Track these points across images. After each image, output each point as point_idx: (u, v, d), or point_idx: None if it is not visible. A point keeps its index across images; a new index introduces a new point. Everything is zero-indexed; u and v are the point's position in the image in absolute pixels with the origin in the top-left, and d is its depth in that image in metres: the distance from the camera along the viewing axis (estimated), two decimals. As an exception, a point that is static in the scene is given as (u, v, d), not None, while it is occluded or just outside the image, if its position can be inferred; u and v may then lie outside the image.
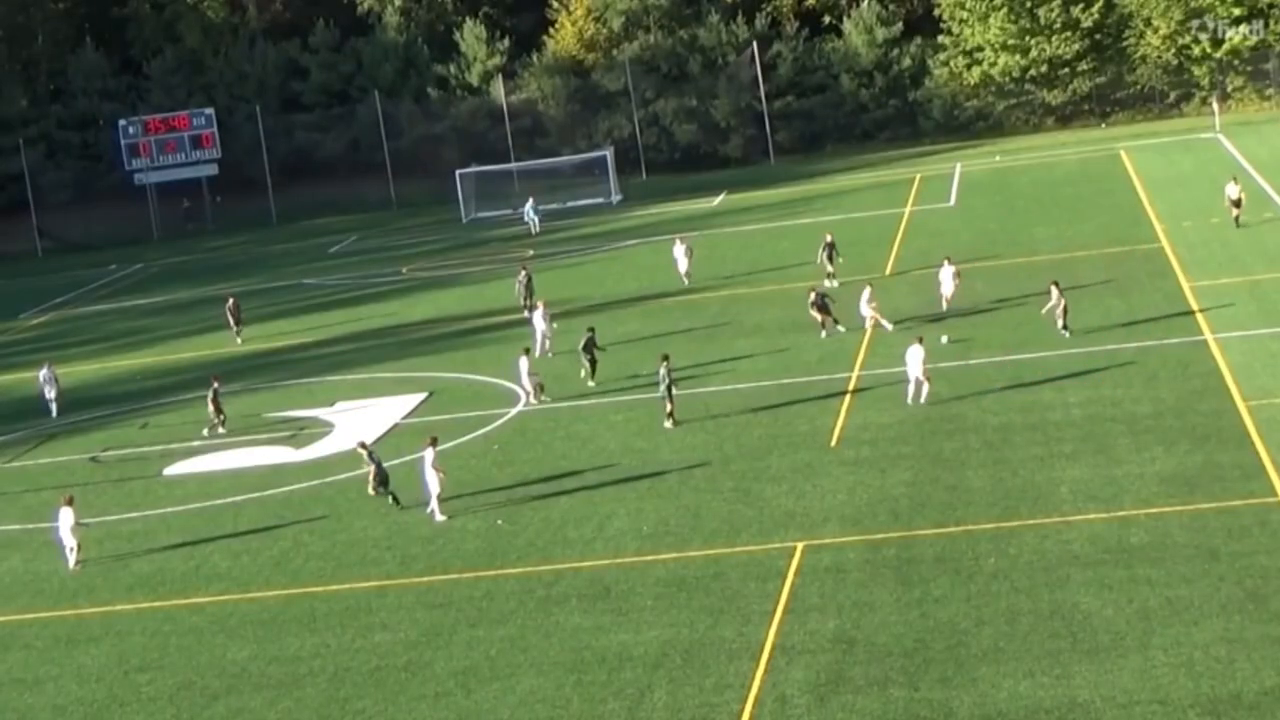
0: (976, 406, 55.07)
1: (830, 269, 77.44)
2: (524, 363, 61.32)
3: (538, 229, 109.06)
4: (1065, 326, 62.51)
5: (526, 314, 75.17)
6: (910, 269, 79.96)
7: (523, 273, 79.44)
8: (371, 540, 48.96)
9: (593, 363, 63.11)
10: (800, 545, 43.70)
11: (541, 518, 48.41)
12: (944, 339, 62.44)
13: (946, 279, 68.99)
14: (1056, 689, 33.89)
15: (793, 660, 36.89)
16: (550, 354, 68.85)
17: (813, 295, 67.20)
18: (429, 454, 44.86)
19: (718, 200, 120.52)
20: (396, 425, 62.84)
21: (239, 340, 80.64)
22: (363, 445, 51.79)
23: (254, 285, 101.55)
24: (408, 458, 57.33)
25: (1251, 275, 70.42)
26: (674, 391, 56.43)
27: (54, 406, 69.88)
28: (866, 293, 65.07)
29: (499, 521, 48.54)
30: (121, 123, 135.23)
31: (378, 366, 73.52)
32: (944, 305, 69.31)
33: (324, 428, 64.27)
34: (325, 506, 53.74)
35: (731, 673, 36.45)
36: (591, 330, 62.45)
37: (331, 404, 67.83)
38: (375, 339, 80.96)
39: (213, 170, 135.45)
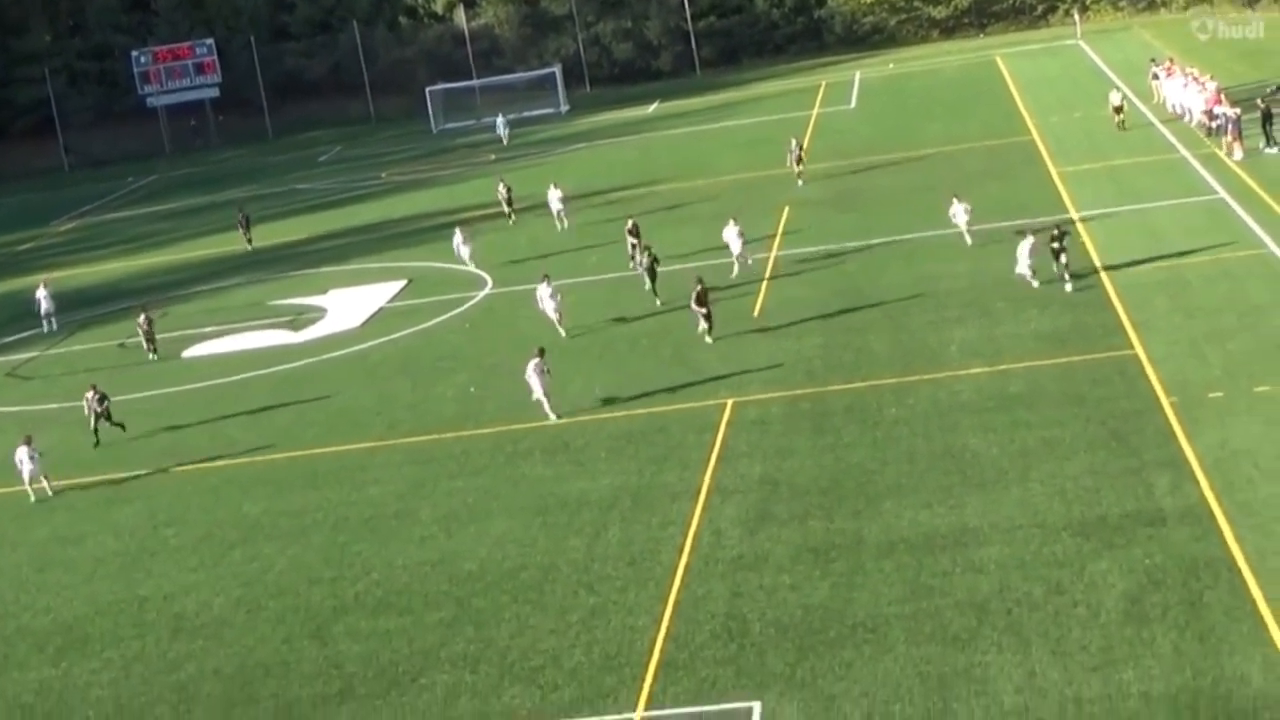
0: (877, 281, 55.23)
1: (799, 169, 76.21)
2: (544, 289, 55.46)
3: (507, 141, 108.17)
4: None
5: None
6: (818, 162, 79.50)
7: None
8: (363, 408, 49.04)
9: (654, 278, 56.83)
10: (730, 402, 43.89)
11: (509, 384, 48.37)
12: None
13: (959, 213, 58.05)
14: (950, 517, 34.28)
15: (726, 499, 37.18)
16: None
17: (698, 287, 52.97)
18: (534, 361, 44.26)
19: (652, 108, 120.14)
20: (381, 309, 62.72)
21: (250, 245, 79.79)
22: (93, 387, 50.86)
23: (254, 191, 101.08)
24: (395, 336, 57.48)
25: (1110, 161, 70.54)
26: (656, 271, 56.13)
27: (51, 322, 68.45)
28: (735, 229, 58.89)
29: (471, 389, 48.54)
30: (134, 53, 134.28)
31: (364, 258, 73.27)
32: (968, 240, 57.91)
33: (319, 313, 64.14)
34: (322, 380, 53.77)
35: (674, 511, 36.74)
36: (650, 251, 57.98)
37: (325, 292, 67.57)
38: (361, 235, 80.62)
39: (214, 93, 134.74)
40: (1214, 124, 70.65)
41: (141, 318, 60.96)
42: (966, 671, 27.69)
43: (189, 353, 60.71)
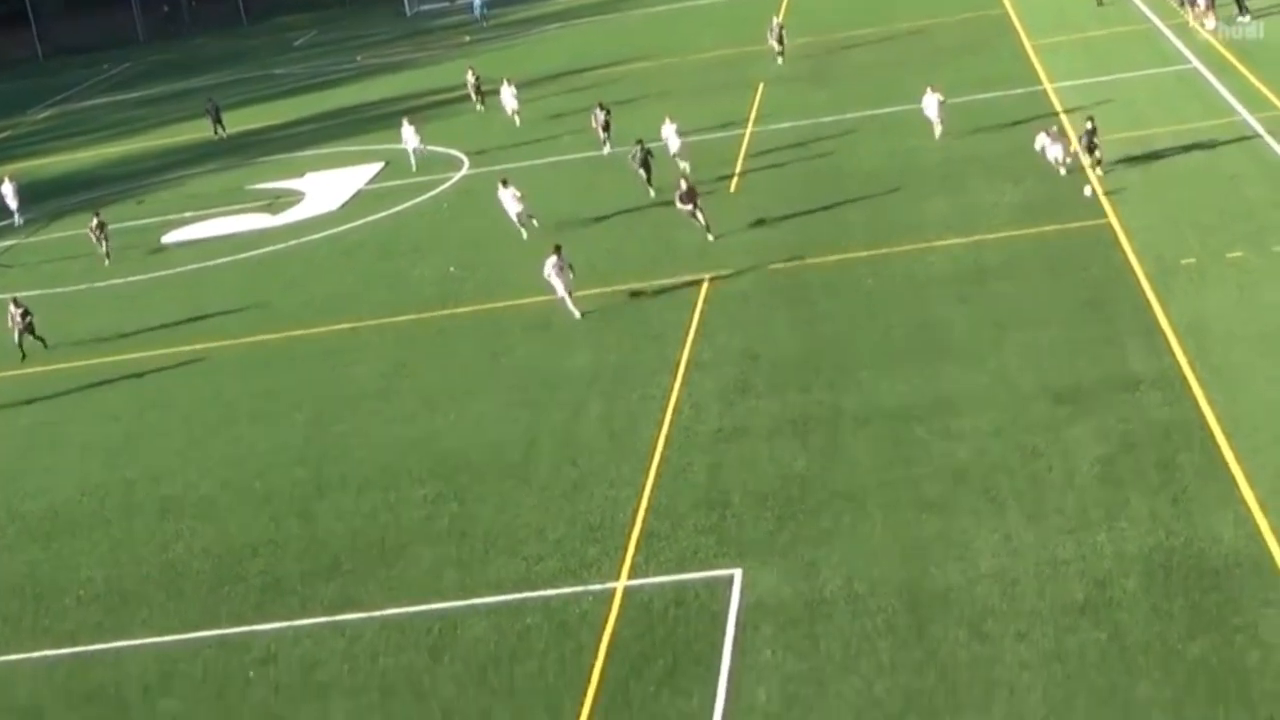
0: (852, 156, 55.13)
1: (779, 48, 74.85)
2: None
3: (485, 22, 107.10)
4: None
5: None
6: (792, 38, 78.76)
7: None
8: (343, 291, 48.97)
9: (648, 172, 53.71)
10: (707, 277, 43.88)
11: (487, 264, 48.46)
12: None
13: (931, 104, 55.11)
14: (926, 387, 34.45)
15: (705, 373, 37.31)
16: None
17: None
18: (551, 260, 42.15)
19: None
20: (359, 191, 62.45)
21: (221, 136, 78.81)
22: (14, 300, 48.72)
23: (229, 77, 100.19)
24: (373, 218, 57.34)
25: (1084, 33, 70.17)
26: (651, 165, 53.61)
27: (16, 216, 67.04)
28: (672, 128, 56.17)
29: (451, 269, 48.49)
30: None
31: (340, 141, 72.91)
32: (937, 131, 55.14)
33: (296, 196, 63.81)
34: (301, 263, 53.73)
35: (654, 386, 36.89)
36: (642, 143, 54.63)
37: (302, 175, 67.22)
38: (337, 118, 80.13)
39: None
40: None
41: (94, 221, 58.32)
42: (944, 536, 27.98)
43: (168, 238, 60.34)
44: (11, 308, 47.36)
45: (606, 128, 59.87)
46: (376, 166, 66.09)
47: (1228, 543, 26.21)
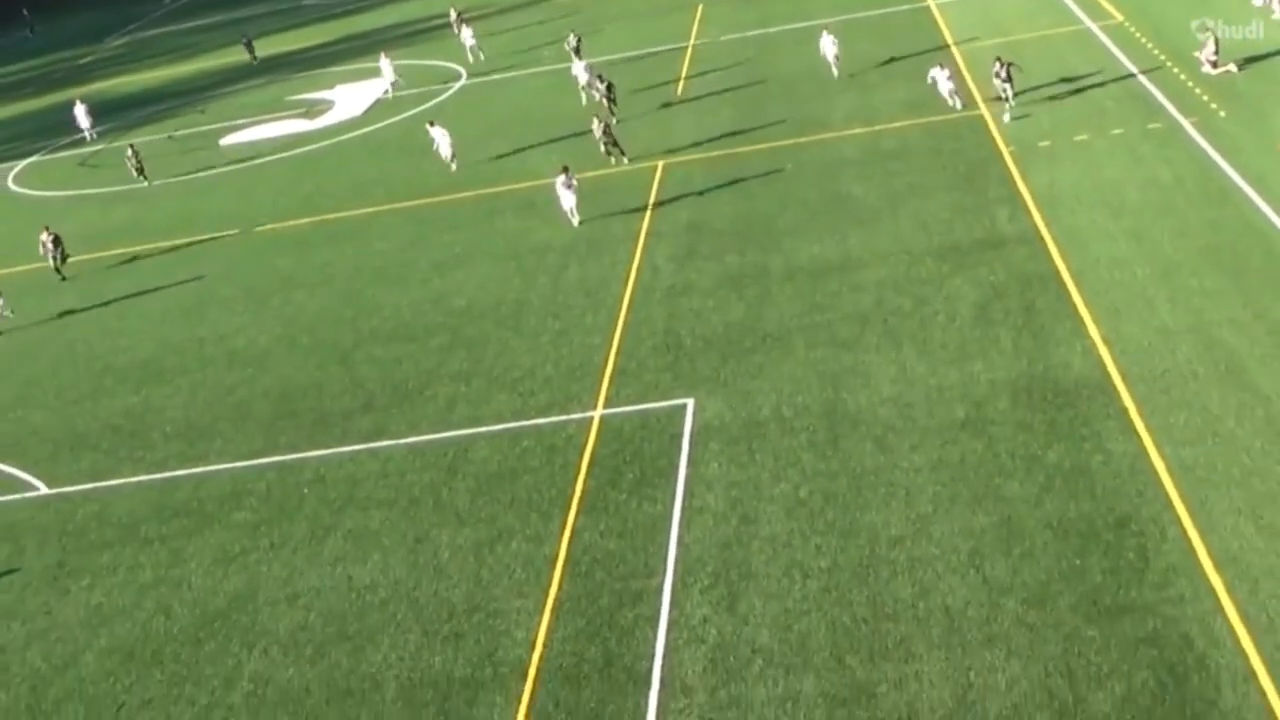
0: (775, 63, 54.50)
1: None
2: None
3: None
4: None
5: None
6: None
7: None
8: (368, 180, 48.47)
9: (613, 102, 49.25)
10: (661, 163, 43.64)
11: (484, 157, 47.99)
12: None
13: (828, 46, 50.05)
14: (837, 249, 34.41)
15: (660, 240, 37.20)
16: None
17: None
18: (560, 178, 38.92)
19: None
20: (379, 99, 61.61)
21: (254, 62, 76.85)
22: (46, 229, 44.33)
23: (268, 9, 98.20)
24: (390, 121, 56.71)
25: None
26: (614, 97, 49.18)
27: (89, 133, 64.69)
28: (582, 63, 53.84)
29: (452, 168, 47.92)
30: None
31: (361, 60, 71.45)
32: (834, 73, 49.99)
33: (328, 104, 62.98)
34: (334, 159, 53.22)
35: (620, 252, 36.79)
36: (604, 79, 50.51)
37: (332, 88, 66.28)
38: (358, 40, 78.64)
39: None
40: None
41: (129, 151, 54.97)
42: (853, 368, 28.08)
43: (225, 141, 59.62)
44: (44, 235, 43.97)
45: (578, 51, 58.61)
46: (388, 81, 65.19)
47: (1076, 369, 26.40)
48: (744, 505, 24.07)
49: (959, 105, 43.28)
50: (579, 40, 58.94)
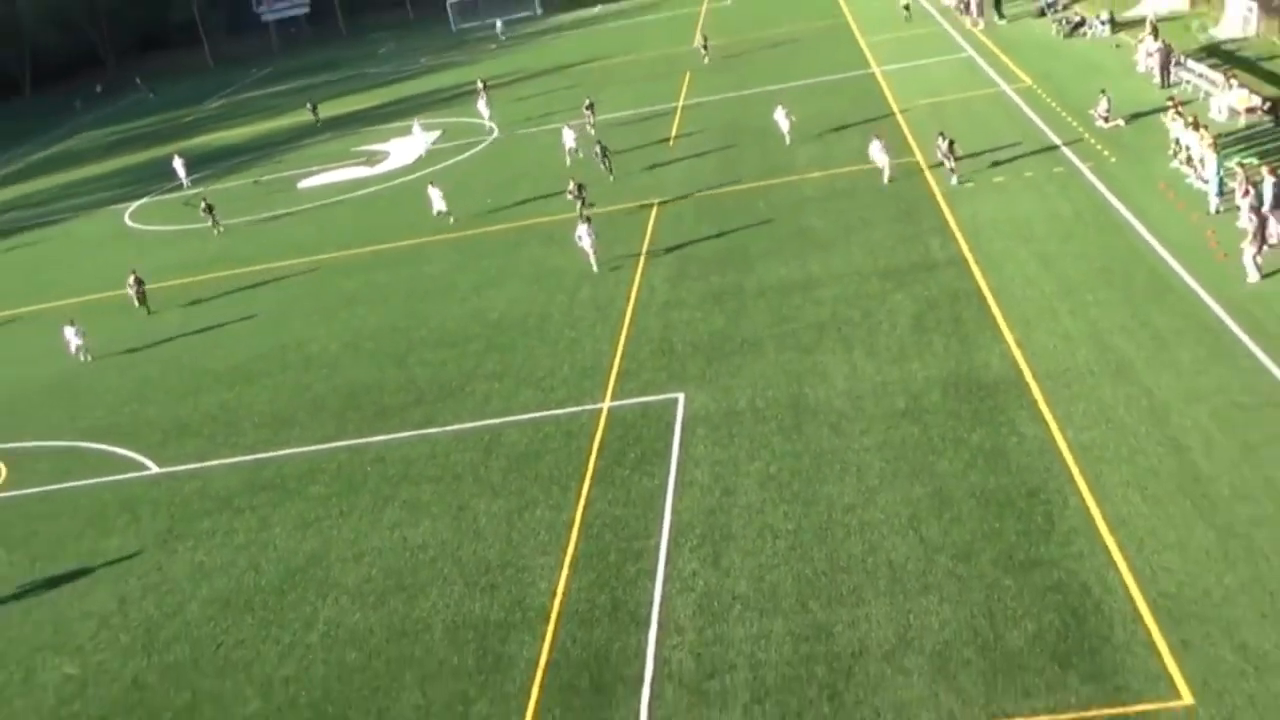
0: (749, 119, 54.41)
1: (705, 50, 71.79)
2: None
3: (504, 37, 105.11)
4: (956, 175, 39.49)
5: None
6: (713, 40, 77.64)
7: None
8: (419, 216, 48.14)
9: (607, 159, 48.14)
10: (656, 203, 43.61)
11: (512, 199, 47.98)
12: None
13: (782, 119, 48.55)
14: (800, 270, 34.41)
15: (656, 265, 37.20)
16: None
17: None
18: (582, 227, 37.41)
19: (596, 9, 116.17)
20: (428, 150, 61.51)
21: (318, 122, 76.57)
22: (133, 272, 42.03)
23: (335, 76, 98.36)
24: (436, 167, 56.57)
25: (898, 34, 69.24)
26: (610, 158, 47.96)
27: (186, 181, 64.67)
28: (571, 132, 51.95)
29: (488, 201, 47.97)
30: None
31: (412, 117, 71.45)
32: (786, 141, 48.09)
33: (385, 154, 62.86)
34: (389, 199, 53.05)
35: (624, 275, 36.79)
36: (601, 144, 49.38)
37: (388, 140, 66.26)
38: (409, 101, 78.63)
39: (306, 9, 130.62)
40: (961, 4, 69.62)
41: (202, 204, 53.40)
42: (813, 368, 28.12)
43: (302, 184, 59.60)
44: (130, 278, 42.60)
45: (591, 108, 58.47)
46: (437, 133, 65.23)
47: (995, 368, 26.43)
48: (725, 479, 24.12)
49: (886, 179, 40.35)
50: (591, 103, 58.86)
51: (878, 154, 40.80)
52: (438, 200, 46.53)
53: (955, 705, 17.32)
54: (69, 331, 39.28)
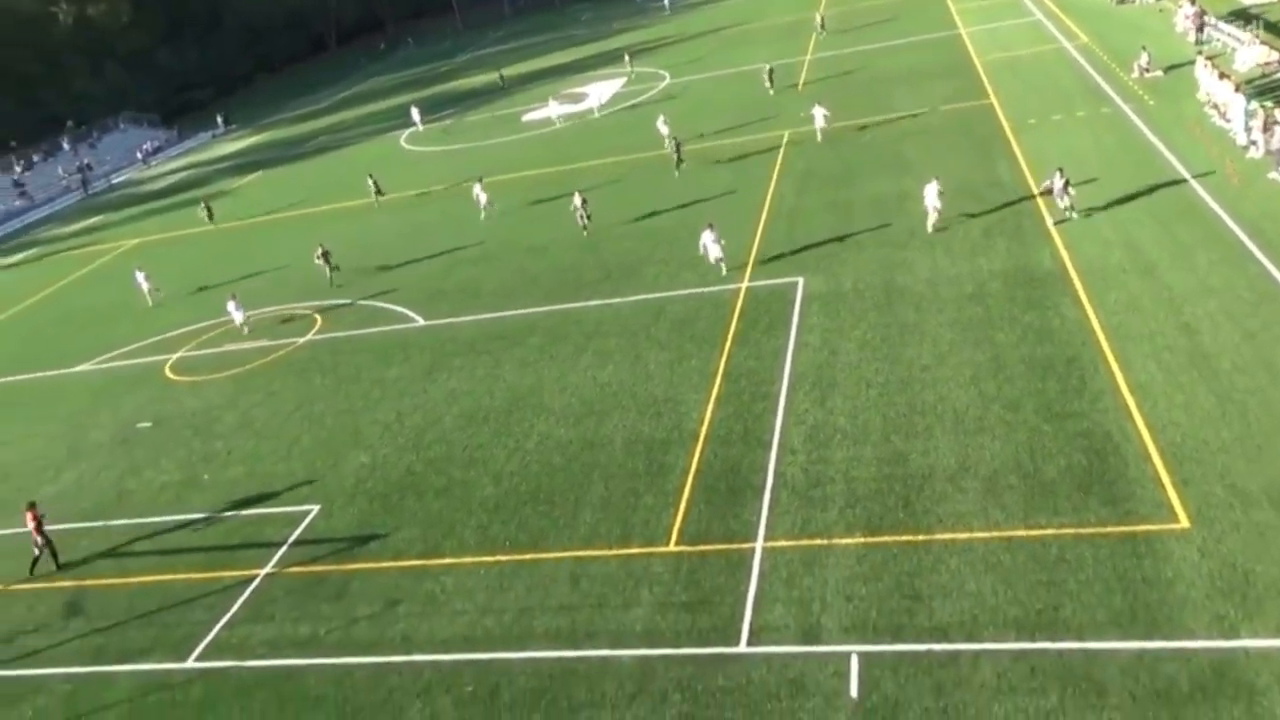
0: (860, 71, 52.00)
1: (821, 28, 66.14)
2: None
3: (670, 9, 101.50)
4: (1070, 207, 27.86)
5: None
6: (828, 9, 74.05)
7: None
8: (615, 144, 47.20)
9: (679, 159, 39.99)
10: (786, 133, 42.25)
11: (695, 132, 46.88)
12: None
13: (819, 116, 40.15)
14: (897, 186, 33.07)
15: (785, 181, 36.16)
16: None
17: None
18: (706, 233, 28.85)
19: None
20: (616, 92, 60.58)
21: (502, 84, 72.37)
22: (321, 245, 35.14)
23: (548, 36, 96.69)
24: (623, 105, 55.65)
25: (980, 1, 64.90)
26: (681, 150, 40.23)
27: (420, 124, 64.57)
28: (666, 125, 46.72)
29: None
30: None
31: (606, 68, 70.55)
32: (819, 138, 39.91)
33: (585, 95, 62.06)
34: (590, 129, 52.44)
35: (760, 188, 35.87)
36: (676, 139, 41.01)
37: (587, 84, 65.17)
38: (605, 55, 77.06)
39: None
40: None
41: (319, 250, 36.44)
42: (902, 262, 27.21)
43: (524, 117, 59.44)
44: (318, 249, 35.67)
45: (771, 75, 51.36)
46: (623, 79, 64.17)
47: (1046, 265, 25.17)
48: (832, 342, 23.68)
49: (930, 227, 28.39)
50: (771, 69, 51.25)
51: (932, 197, 28.28)
52: (482, 198, 38.93)
53: (1000, 517, 16.95)
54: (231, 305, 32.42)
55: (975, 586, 15.58)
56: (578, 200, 34.73)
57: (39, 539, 21.71)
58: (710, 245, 28.59)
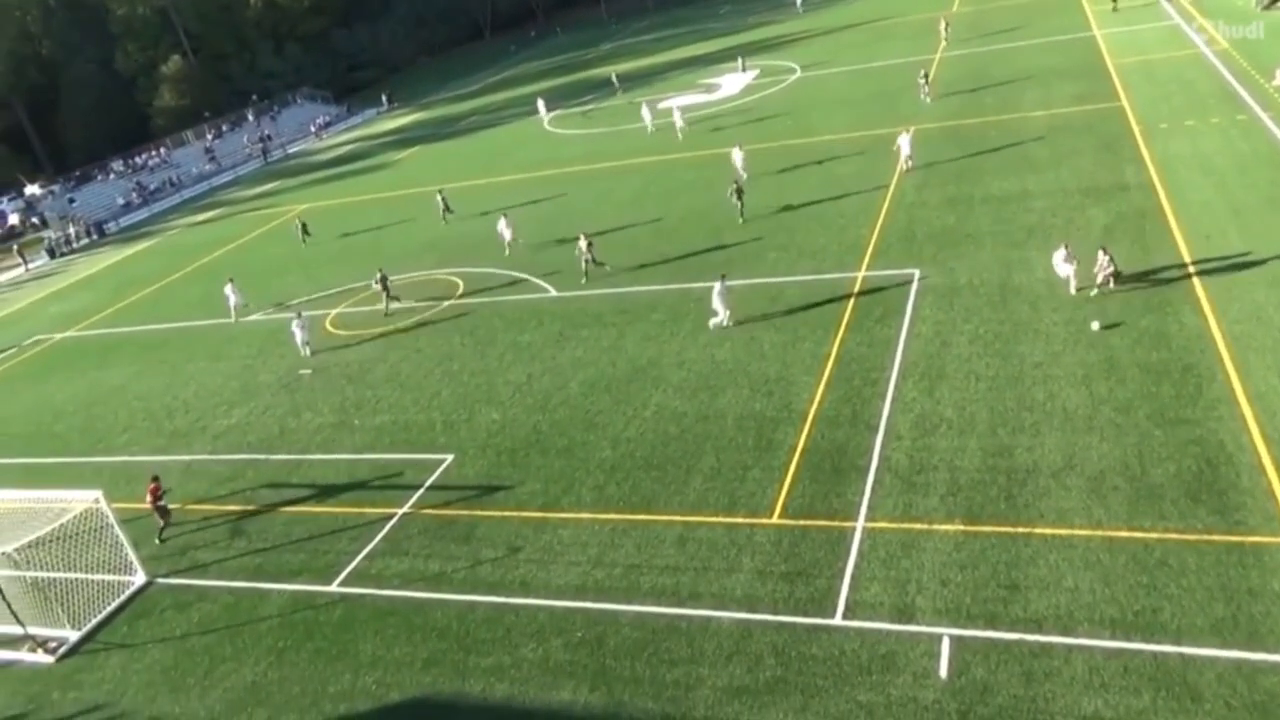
0: (988, 68, 49.79)
1: (945, 38, 66.25)
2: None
3: (802, 9, 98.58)
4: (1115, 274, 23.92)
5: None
6: (953, 6, 71.06)
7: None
8: (741, 134, 46.99)
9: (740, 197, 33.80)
10: (913, 128, 40.73)
11: (817, 125, 45.91)
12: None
13: (904, 144, 35.34)
14: (1018, 185, 31.73)
15: (909, 176, 35.10)
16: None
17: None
18: (718, 285, 25.83)
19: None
20: (747, 84, 59.41)
21: (618, 89, 68.81)
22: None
23: (689, 29, 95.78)
24: (756, 96, 54.86)
25: (1117, 4, 61.18)
26: (743, 195, 33.98)
27: (544, 112, 65.33)
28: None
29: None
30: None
31: (733, 62, 69.85)
32: (902, 167, 35.46)
33: (718, 86, 61.31)
34: (722, 118, 51.81)
35: (884, 179, 34.93)
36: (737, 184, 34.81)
37: (721, 75, 64.32)
38: (739, 48, 75.44)
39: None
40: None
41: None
42: (1020, 260, 26.17)
43: (662, 105, 58.68)
44: (581, 241, 31.13)
45: (925, 76, 47.93)
46: (755, 72, 63.13)
47: (1165, 273, 23.72)
48: (944, 335, 22.97)
49: (1074, 289, 23.46)
50: (927, 73, 46.60)
51: (1061, 264, 23.88)
52: (507, 232, 35.31)
53: (1103, 516, 16.19)
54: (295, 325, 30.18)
55: (1073, 582, 14.95)
56: (583, 244, 30.85)
57: (156, 511, 20.93)
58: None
